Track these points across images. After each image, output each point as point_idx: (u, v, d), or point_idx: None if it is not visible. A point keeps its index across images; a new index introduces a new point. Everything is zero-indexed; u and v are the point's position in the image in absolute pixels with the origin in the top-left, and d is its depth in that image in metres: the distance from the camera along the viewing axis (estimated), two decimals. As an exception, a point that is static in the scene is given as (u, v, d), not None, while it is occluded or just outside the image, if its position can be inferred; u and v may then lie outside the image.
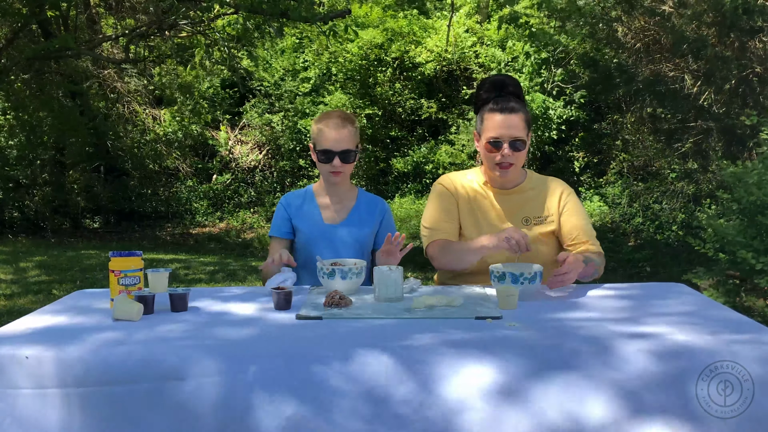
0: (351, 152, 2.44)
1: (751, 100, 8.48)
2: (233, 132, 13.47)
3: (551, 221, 2.43)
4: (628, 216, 10.41)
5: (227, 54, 10.09)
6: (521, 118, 2.34)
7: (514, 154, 2.33)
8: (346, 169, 2.46)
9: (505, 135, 2.32)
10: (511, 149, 2.32)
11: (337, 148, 2.41)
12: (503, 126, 2.32)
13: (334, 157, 2.42)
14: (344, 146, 2.42)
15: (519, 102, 2.38)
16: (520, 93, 2.43)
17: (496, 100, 2.37)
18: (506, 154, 2.32)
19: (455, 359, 1.54)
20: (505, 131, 2.32)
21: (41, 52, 8.72)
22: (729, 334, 1.62)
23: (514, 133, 2.32)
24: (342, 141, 2.41)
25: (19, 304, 5.53)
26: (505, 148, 2.32)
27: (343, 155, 2.42)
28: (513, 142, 2.32)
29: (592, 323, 1.75)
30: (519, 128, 2.33)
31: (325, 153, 2.42)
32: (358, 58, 12.28)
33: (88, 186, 12.12)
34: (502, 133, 2.32)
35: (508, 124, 2.32)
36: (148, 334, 1.71)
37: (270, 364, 1.55)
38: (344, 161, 2.43)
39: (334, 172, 2.44)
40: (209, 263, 8.18)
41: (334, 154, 2.41)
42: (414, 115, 12.71)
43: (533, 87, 11.05)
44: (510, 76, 2.49)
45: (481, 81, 2.48)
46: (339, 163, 2.42)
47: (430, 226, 2.47)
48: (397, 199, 12.05)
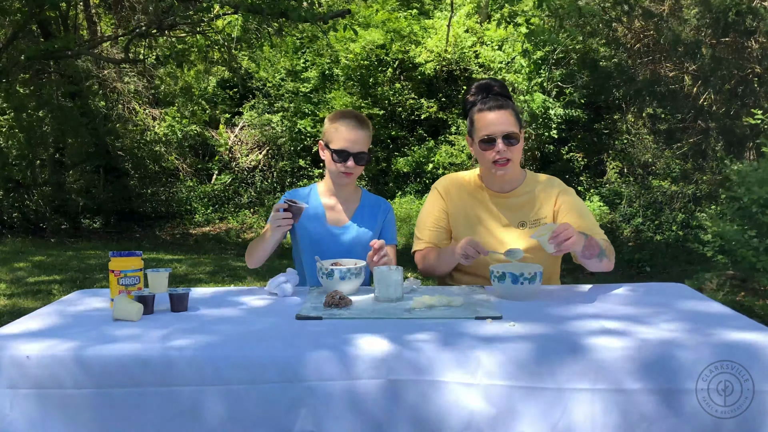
0: (365, 154, 2.43)
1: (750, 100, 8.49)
2: (233, 132, 13.48)
3: (546, 222, 2.41)
4: (628, 216, 10.41)
5: (227, 54, 10.10)
6: (510, 113, 2.34)
7: (509, 148, 2.31)
8: (357, 170, 2.45)
9: (497, 131, 2.31)
10: (506, 144, 2.31)
11: (353, 149, 2.40)
12: (494, 122, 2.32)
13: (349, 158, 2.40)
14: (360, 148, 2.41)
15: (506, 99, 2.39)
16: (506, 93, 2.44)
17: (483, 100, 2.38)
18: (501, 149, 2.31)
19: (455, 359, 1.53)
20: (496, 127, 2.31)
21: (41, 52, 8.71)
22: (729, 334, 1.62)
23: (506, 128, 2.31)
24: (358, 142, 2.40)
25: (19, 304, 5.53)
26: (500, 143, 2.30)
27: (357, 157, 2.41)
28: (506, 136, 2.31)
29: (591, 323, 1.75)
30: (510, 123, 2.32)
31: (340, 153, 2.40)
32: (360, 59, 12.29)
33: (88, 186, 12.12)
34: (493, 129, 2.31)
35: (499, 120, 2.31)
36: (148, 334, 1.71)
37: (270, 364, 1.54)
38: (358, 163, 2.42)
39: (346, 172, 2.43)
40: (209, 263, 8.18)
41: (349, 154, 2.40)
42: (414, 115, 12.71)
43: (533, 87, 11.05)
44: (495, 78, 2.50)
45: (468, 86, 2.49)
46: (353, 164, 2.41)
47: (417, 233, 2.53)
48: (398, 199, 12.06)
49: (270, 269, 7.19)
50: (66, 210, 11.80)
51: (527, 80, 11.10)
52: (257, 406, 1.54)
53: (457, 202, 2.48)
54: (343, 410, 1.55)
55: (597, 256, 2.18)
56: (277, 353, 1.56)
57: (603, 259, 2.22)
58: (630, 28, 9.61)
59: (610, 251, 2.27)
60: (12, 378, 1.57)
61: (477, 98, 2.41)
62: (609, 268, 2.29)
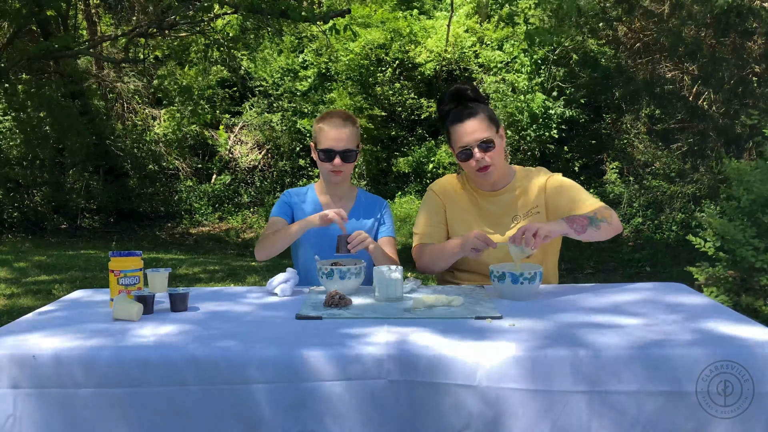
0: (352, 152, 2.45)
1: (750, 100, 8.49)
2: (233, 132, 13.48)
3: (537, 212, 2.43)
4: (627, 216, 10.41)
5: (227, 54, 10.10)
6: (482, 118, 2.36)
7: (486, 154, 2.34)
8: (346, 168, 2.47)
9: (471, 141, 2.34)
10: (482, 150, 2.34)
11: (338, 148, 2.42)
12: (466, 133, 2.35)
13: (335, 156, 2.43)
14: (345, 145, 2.43)
15: (477, 104, 2.40)
16: (479, 97, 2.45)
17: (455, 111, 2.41)
18: (478, 158, 2.34)
19: (455, 360, 1.53)
20: (469, 137, 2.34)
21: (41, 51, 8.71)
22: (729, 333, 1.62)
23: (479, 136, 2.34)
24: (343, 140, 2.43)
25: (19, 304, 5.53)
26: (476, 152, 2.34)
27: (344, 154, 2.43)
28: (481, 144, 2.34)
29: (591, 323, 1.75)
30: (483, 129, 2.34)
31: (326, 152, 2.43)
32: (359, 58, 12.29)
33: (88, 186, 12.13)
34: (467, 140, 2.34)
35: (471, 130, 2.34)
36: (148, 334, 1.71)
37: (270, 364, 1.54)
38: (345, 160, 2.44)
39: (334, 171, 2.46)
40: (209, 263, 8.18)
41: (335, 153, 2.43)
42: (414, 115, 12.71)
43: (533, 87, 11.05)
44: (466, 82, 2.51)
45: (440, 96, 2.51)
46: (340, 162, 2.43)
47: (416, 230, 2.54)
48: (398, 199, 12.06)
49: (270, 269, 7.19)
50: (66, 210, 11.81)
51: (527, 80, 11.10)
52: (257, 406, 1.54)
53: (452, 203, 2.51)
54: (343, 411, 1.55)
55: (590, 226, 2.18)
56: (277, 353, 1.56)
57: (599, 225, 2.20)
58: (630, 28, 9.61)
59: (604, 216, 2.24)
60: (14, 377, 1.57)
61: (450, 107, 2.44)
62: (611, 233, 2.25)
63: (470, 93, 2.44)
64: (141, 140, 12.69)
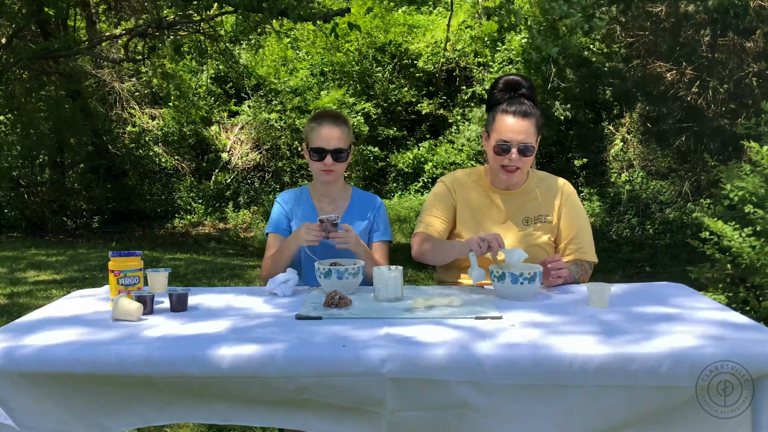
0: (343, 151, 2.45)
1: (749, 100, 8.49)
2: (232, 132, 13.47)
3: (549, 220, 2.42)
4: (627, 216, 10.42)
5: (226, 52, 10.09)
6: (533, 123, 2.30)
7: (521, 159, 2.30)
8: (337, 167, 2.46)
9: (514, 139, 2.28)
10: (519, 154, 2.29)
11: (329, 147, 2.42)
12: (513, 130, 2.28)
13: (326, 156, 2.43)
14: (336, 144, 2.43)
15: (532, 106, 2.33)
16: (533, 96, 2.38)
17: (510, 102, 2.32)
18: (514, 158, 2.29)
19: (455, 360, 1.53)
20: (515, 135, 2.28)
21: (41, 51, 8.71)
22: (729, 333, 1.62)
23: (524, 139, 2.28)
24: (333, 139, 2.43)
25: (19, 304, 5.53)
26: (514, 152, 2.28)
27: (335, 154, 2.43)
28: (522, 147, 2.29)
29: (591, 323, 1.75)
30: (529, 133, 2.29)
31: (318, 151, 2.44)
32: (357, 55, 12.29)
33: (88, 186, 12.12)
34: (511, 137, 2.28)
35: (519, 129, 2.28)
36: (148, 333, 1.71)
37: (270, 364, 1.55)
38: (336, 160, 2.44)
39: (325, 170, 2.45)
40: (209, 263, 8.18)
41: (326, 152, 2.43)
42: (414, 114, 12.71)
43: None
44: (525, 77, 2.42)
45: (496, 80, 2.43)
46: (331, 162, 2.43)
47: (421, 217, 2.50)
48: (398, 198, 12.06)
49: (270, 269, 7.15)
50: (66, 210, 11.80)
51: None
52: (258, 406, 1.54)
53: (463, 198, 2.47)
54: (343, 410, 1.56)
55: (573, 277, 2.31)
56: (277, 353, 1.56)
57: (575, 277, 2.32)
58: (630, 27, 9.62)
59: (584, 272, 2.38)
60: (11, 378, 1.57)
61: (504, 96, 2.36)
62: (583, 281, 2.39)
63: (525, 89, 2.36)
64: (140, 140, 12.69)
